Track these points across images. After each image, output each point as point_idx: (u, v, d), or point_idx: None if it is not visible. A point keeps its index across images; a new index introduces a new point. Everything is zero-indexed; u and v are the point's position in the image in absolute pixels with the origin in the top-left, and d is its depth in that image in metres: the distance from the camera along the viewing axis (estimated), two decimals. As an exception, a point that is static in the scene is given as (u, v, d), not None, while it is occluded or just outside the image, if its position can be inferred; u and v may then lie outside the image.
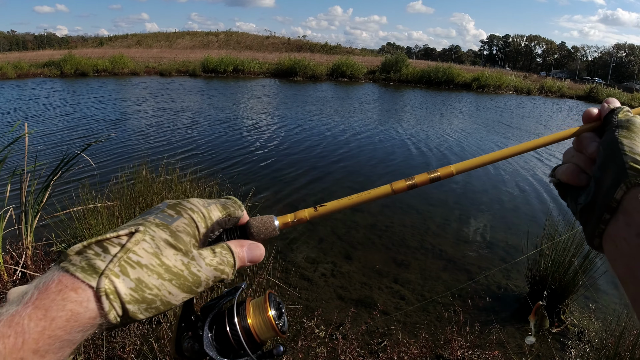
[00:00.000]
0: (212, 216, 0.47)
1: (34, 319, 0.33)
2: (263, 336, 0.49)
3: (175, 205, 0.46)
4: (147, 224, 0.42)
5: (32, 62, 28.89)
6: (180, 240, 0.42)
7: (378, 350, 3.02)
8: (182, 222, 0.44)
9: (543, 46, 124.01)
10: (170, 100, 16.46)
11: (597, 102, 27.73)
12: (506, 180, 7.77)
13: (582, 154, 0.54)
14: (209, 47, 67.04)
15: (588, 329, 3.51)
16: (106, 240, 0.39)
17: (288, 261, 4.21)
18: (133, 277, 0.38)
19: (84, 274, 0.36)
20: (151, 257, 0.40)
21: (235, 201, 0.52)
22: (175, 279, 0.41)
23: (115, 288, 0.37)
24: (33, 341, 0.33)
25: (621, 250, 0.43)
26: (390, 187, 0.54)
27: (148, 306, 0.39)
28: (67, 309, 0.34)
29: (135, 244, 0.39)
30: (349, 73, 30.74)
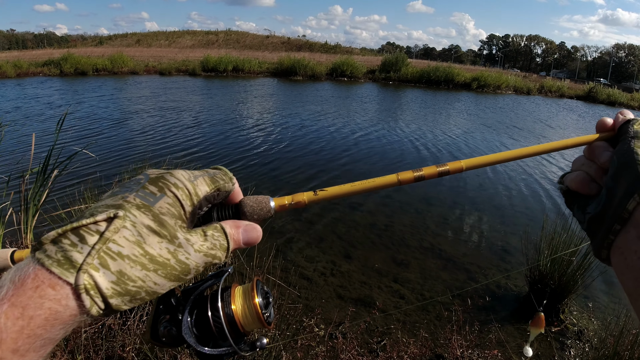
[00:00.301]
0: (198, 192, 0.43)
1: (11, 318, 0.31)
2: (247, 326, 0.45)
3: (157, 179, 0.41)
4: (126, 206, 0.38)
5: (32, 61, 28.87)
6: (165, 225, 0.38)
7: (378, 349, 3.02)
8: (165, 203, 0.40)
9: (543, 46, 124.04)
10: (171, 100, 16.45)
11: (596, 102, 27.82)
12: (506, 180, 7.77)
13: (594, 163, 0.53)
14: (208, 46, 66.98)
15: (587, 328, 3.51)
16: (82, 227, 0.35)
17: (288, 260, 4.21)
18: (114, 269, 0.35)
19: (60, 268, 0.33)
20: (133, 247, 0.36)
21: (226, 172, 0.48)
22: (161, 268, 0.37)
23: (95, 283, 0.34)
24: (11, 341, 0.31)
25: (630, 263, 0.41)
26: (397, 177, 0.51)
27: (132, 298, 0.36)
28: (46, 307, 0.32)
29: (115, 232, 0.36)
30: (348, 72, 30.72)
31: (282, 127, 11.67)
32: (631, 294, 0.42)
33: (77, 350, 2.42)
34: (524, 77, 37.92)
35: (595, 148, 0.53)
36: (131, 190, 0.40)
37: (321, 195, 0.50)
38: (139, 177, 0.42)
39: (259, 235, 0.46)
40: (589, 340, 3.37)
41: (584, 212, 0.51)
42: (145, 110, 13.72)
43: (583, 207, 0.51)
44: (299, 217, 5.36)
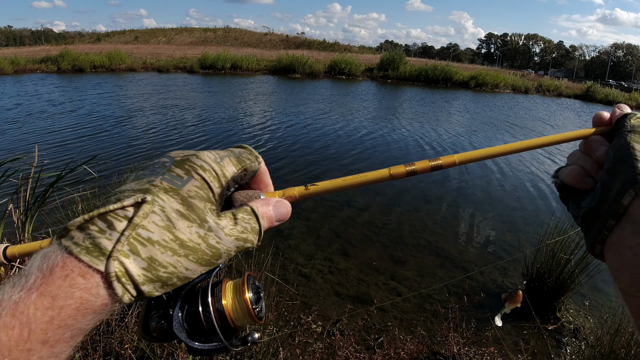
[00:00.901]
0: (225, 173, 0.42)
1: (40, 308, 0.30)
2: (238, 321, 0.44)
3: (183, 162, 0.40)
4: (154, 190, 0.37)
5: (29, 58, 28.78)
6: (194, 209, 0.37)
7: (375, 346, 3.03)
8: (193, 186, 0.39)
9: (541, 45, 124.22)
10: (172, 97, 16.40)
11: (594, 102, 27.84)
12: (504, 178, 7.78)
13: (589, 157, 0.53)
14: (206, 43, 66.84)
15: (584, 326, 3.53)
16: (110, 212, 0.34)
17: (286, 258, 4.21)
18: (144, 256, 0.34)
19: (89, 256, 0.32)
20: (163, 232, 0.35)
21: (251, 151, 0.47)
22: (192, 253, 0.37)
23: (126, 270, 0.33)
24: (41, 331, 0.30)
25: (625, 259, 0.41)
26: (389, 171, 0.50)
27: (164, 284, 0.36)
28: (76, 296, 0.31)
29: (144, 217, 0.35)
30: (347, 70, 30.71)
31: (283, 126, 11.66)
32: (626, 291, 0.41)
33: (74, 347, 2.42)
34: (522, 75, 37.96)
35: (591, 142, 0.53)
36: (157, 174, 0.39)
37: (312, 190, 0.49)
38: (162, 159, 0.41)
39: (289, 210, 0.46)
40: (585, 338, 3.39)
41: (578, 206, 0.50)
42: (147, 108, 13.69)
43: (578, 201, 0.51)
44: (296, 214, 5.36)
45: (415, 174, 0.51)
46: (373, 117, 13.97)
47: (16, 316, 0.29)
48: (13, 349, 0.29)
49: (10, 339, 0.29)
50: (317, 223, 5.16)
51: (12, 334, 0.29)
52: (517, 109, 20.18)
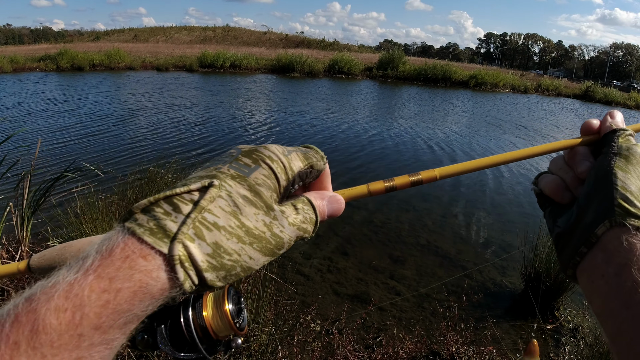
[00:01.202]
0: (293, 166, 0.40)
1: (96, 291, 0.28)
2: (219, 332, 0.45)
3: (250, 152, 0.39)
4: (221, 175, 0.36)
5: (28, 56, 28.72)
6: (261, 196, 0.37)
7: (373, 345, 3.04)
8: (260, 174, 0.38)
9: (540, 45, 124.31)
10: (174, 96, 16.32)
11: (593, 101, 27.87)
12: (502, 177, 7.79)
13: (572, 170, 0.51)
14: (206, 42, 66.80)
15: (582, 326, 3.53)
16: (176, 196, 0.33)
17: (284, 256, 4.21)
18: (210, 241, 0.33)
19: (153, 237, 0.31)
20: (229, 217, 0.34)
21: (317, 151, 0.46)
22: (257, 242, 0.36)
23: (190, 254, 0.32)
24: (95, 316, 0.28)
25: (597, 287, 0.41)
26: (367, 187, 0.49)
27: (227, 273, 0.34)
28: (135, 279, 0.30)
29: (211, 201, 0.34)
30: (346, 69, 30.70)
31: (288, 125, 11.65)
32: (600, 315, 0.41)
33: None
34: (521, 75, 37.98)
35: (576, 154, 0.51)
36: (224, 163, 0.38)
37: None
38: (231, 151, 0.41)
39: (342, 206, 0.45)
40: (584, 337, 3.39)
41: (554, 222, 0.49)
42: (149, 107, 13.62)
43: (554, 216, 0.50)
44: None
45: (395, 189, 0.50)
46: (374, 117, 13.97)
47: (69, 298, 0.28)
48: (63, 334, 0.28)
49: (61, 322, 0.28)
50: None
51: (64, 317, 0.28)
52: (517, 108, 20.18)
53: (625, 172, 0.45)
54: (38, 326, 0.27)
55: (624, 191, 0.43)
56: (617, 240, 0.41)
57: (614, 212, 0.41)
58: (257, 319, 2.64)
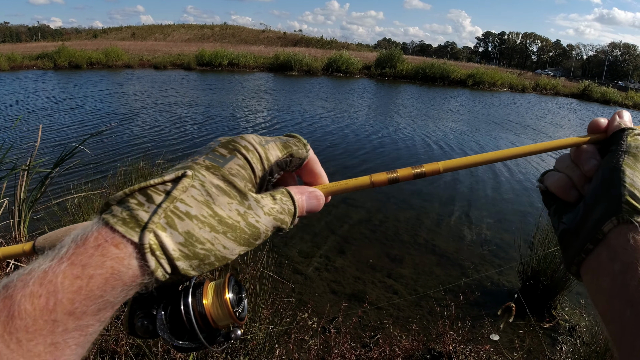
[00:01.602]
0: (269, 156, 0.41)
1: (69, 277, 0.29)
2: (219, 321, 0.44)
3: (227, 142, 0.40)
4: (196, 166, 0.37)
5: (26, 54, 28.60)
6: (235, 186, 0.37)
7: (370, 344, 3.04)
8: (235, 164, 0.38)
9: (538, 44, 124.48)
10: (174, 95, 16.20)
11: (590, 101, 27.92)
12: (500, 177, 7.80)
13: (578, 168, 0.50)
14: (204, 40, 66.75)
15: (579, 325, 3.54)
16: (150, 187, 0.34)
17: (282, 255, 4.21)
18: (182, 230, 0.33)
19: (125, 227, 0.32)
20: (202, 207, 0.35)
21: (300, 139, 0.46)
22: (231, 231, 0.36)
23: (161, 243, 0.32)
24: (68, 301, 0.29)
25: (602, 285, 0.41)
26: (370, 178, 0.49)
27: (201, 262, 0.35)
28: (107, 266, 0.31)
29: (183, 191, 0.34)
30: (344, 68, 30.68)
31: (287, 123, 11.64)
32: (604, 315, 0.41)
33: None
34: (519, 74, 38.03)
35: (583, 152, 0.51)
36: (201, 154, 0.39)
37: None
38: (210, 143, 0.41)
39: (321, 202, 0.45)
40: (581, 336, 3.40)
41: (559, 219, 0.49)
42: (149, 106, 13.51)
43: (559, 213, 0.50)
44: (293, 212, 5.35)
45: (397, 181, 0.50)
46: (372, 114, 13.97)
47: (44, 284, 0.29)
48: (38, 319, 0.29)
49: (36, 308, 0.28)
50: (313, 220, 5.16)
51: (38, 303, 0.29)
52: (516, 107, 20.21)
53: (633, 169, 0.44)
54: (14, 312, 0.28)
55: (632, 188, 0.42)
56: (623, 238, 0.40)
57: (622, 209, 0.41)
58: (254, 317, 2.64)
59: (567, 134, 13.83)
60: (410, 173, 0.50)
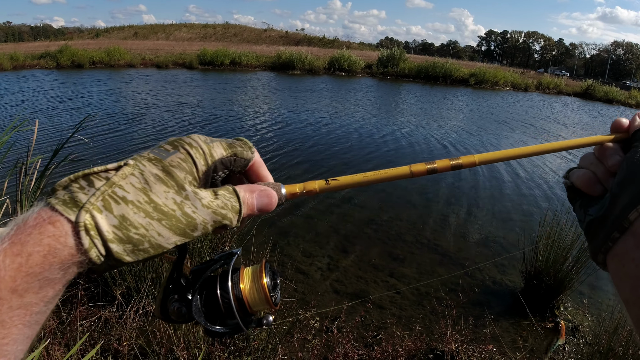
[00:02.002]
0: (213, 153, 0.42)
1: (10, 255, 0.31)
2: (254, 306, 0.46)
3: (174, 140, 0.42)
4: (139, 157, 0.39)
5: (28, 54, 28.64)
6: (173, 176, 0.38)
7: (373, 343, 3.04)
8: (177, 157, 0.40)
9: (541, 42, 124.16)
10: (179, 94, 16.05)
11: (593, 100, 27.82)
12: (503, 176, 7.78)
13: (602, 164, 0.52)
14: (206, 39, 66.78)
15: (582, 324, 3.53)
16: (94, 174, 0.36)
17: (285, 254, 4.21)
18: (117, 213, 0.35)
19: (64, 207, 0.33)
20: (138, 193, 0.36)
21: (245, 142, 0.47)
22: (166, 219, 0.37)
23: (96, 224, 0.34)
24: (10, 279, 0.30)
25: (628, 271, 0.42)
26: (409, 168, 0.51)
27: (135, 247, 0.36)
28: (44, 243, 0.32)
29: (122, 177, 0.36)
30: (346, 67, 30.64)
31: (292, 122, 11.60)
32: (627, 301, 0.42)
33: (72, 342, 2.42)
34: (521, 73, 37.92)
35: (606, 149, 0.53)
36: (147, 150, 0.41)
37: (333, 185, 0.50)
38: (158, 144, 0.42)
39: (273, 202, 0.46)
40: (584, 336, 3.40)
41: (585, 212, 0.51)
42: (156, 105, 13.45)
43: (585, 207, 0.51)
44: (296, 211, 5.36)
45: (436, 172, 0.52)
46: (377, 113, 13.94)
47: None
48: None
49: None
50: (316, 219, 5.16)
51: None
52: (519, 105, 20.16)
53: None
54: None
55: None
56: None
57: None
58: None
59: (573, 132, 13.81)
60: (448, 164, 0.52)
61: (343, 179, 0.50)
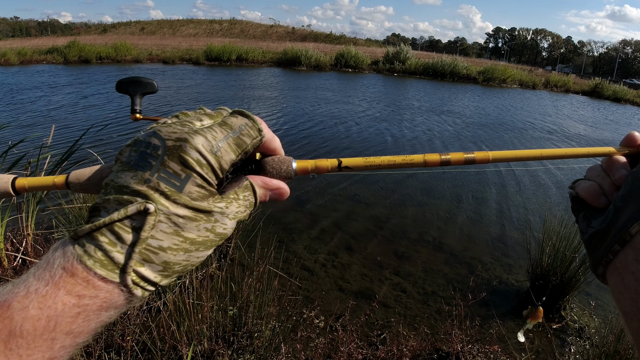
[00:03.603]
0: (223, 164, 0.40)
1: (68, 305, 0.33)
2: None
3: (175, 151, 0.37)
4: (154, 195, 0.36)
5: (36, 49, 28.75)
6: (199, 210, 0.38)
7: (377, 343, 3.02)
8: (194, 187, 0.38)
9: (549, 40, 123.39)
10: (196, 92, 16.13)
11: (601, 98, 27.62)
12: (509, 176, 7.74)
13: (608, 177, 0.53)
14: (212, 35, 66.85)
15: (588, 326, 3.50)
16: (115, 223, 0.35)
17: (289, 251, 4.20)
18: (158, 261, 0.36)
19: (105, 270, 0.34)
20: (172, 237, 0.37)
21: (253, 123, 0.43)
22: (202, 245, 0.39)
23: (142, 276, 0.36)
24: (66, 324, 0.33)
25: (627, 284, 0.42)
26: (423, 157, 0.51)
27: (179, 274, 0.39)
28: (100, 297, 0.34)
29: (151, 228, 0.36)
30: (352, 63, 30.57)
31: (302, 117, 11.60)
32: (627, 314, 0.42)
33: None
34: (529, 71, 37.71)
35: (614, 162, 0.53)
36: (150, 167, 0.37)
37: (345, 165, 0.50)
38: (153, 142, 0.38)
39: (284, 197, 0.47)
40: (590, 337, 3.37)
41: (588, 224, 0.51)
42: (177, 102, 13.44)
43: (588, 218, 0.52)
44: (301, 208, 5.35)
45: (449, 164, 0.53)
46: (386, 108, 13.89)
47: (43, 309, 0.32)
48: (38, 338, 0.32)
49: (36, 329, 0.32)
50: (320, 217, 5.15)
51: (38, 325, 0.32)
52: (527, 103, 20.02)
53: None
54: (15, 331, 0.31)
55: None
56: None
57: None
58: (260, 314, 2.63)
59: (583, 129, 13.70)
60: (462, 157, 0.53)
61: (356, 160, 0.50)
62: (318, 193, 5.92)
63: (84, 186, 0.48)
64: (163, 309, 2.86)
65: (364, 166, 0.50)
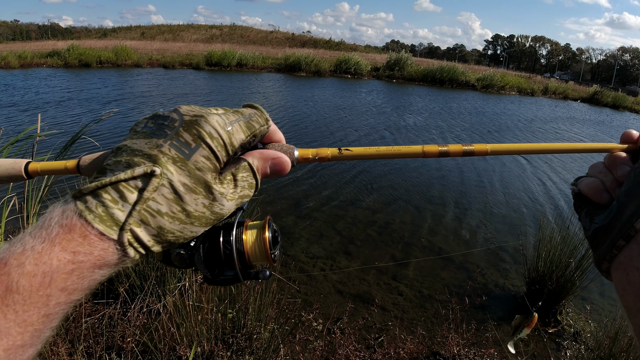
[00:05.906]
0: (234, 141, 0.43)
1: (63, 261, 0.34)
2: (254, 259, 0.48)
3: (191, 125, 0.41)
4: (162, 160, 0.39)
5: (36, 52, 28.74)
6: (201, 182, 0.40)
7: (375, 346, 3.05)
8: (201, 156, 0.40)
9: (548, 47, 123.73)
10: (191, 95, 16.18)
11: (600, 105, 27.66)
12: (506, 181, 7.77)
13: (611, 173, 0.53)
14: (212, 40, 66.87)
15: (584, 330, 3.53)
16: (121, 182, 0.37)
17: (288, 255, 4.23)
18: (154, 225, 0.38)
19: (103, 225, 0.36)
20: (171, 204, 0.38)
21: (261, 113, 0.48)
22: (197, 221, 0.40)
23: (137, 237, 0.37)
24: (61, 280, 0.34)
25: (631, 279, 0.42)
26: (422, 148, 0.52)
27: (171, 243, 0.40)
28: (95, 254, 0.35)
29: (154, 190, 0.38)
30: (352, 70, 30.64)
31: (305, 122, 11.63)
32: (630, 309, 0.42)
33: (77, 339, 2.45)
34: (527, 78, 37.80)
35: (616, 158, 0.53)
36: (165, 136, 0.40)
37: (346, 154, 0.51)
38: (172, 115, 0.42)
39: (285, 168, 0.47)
40: (585, 341, 3.39)
41: (591, 220, 0.51)
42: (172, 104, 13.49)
43: (591, 215, 0.52)
44: (299, 211, 5.38)
45: (448, 155, 0.53)
46: (385, 113, 13.92)
47: (39, 265, 0.33)
48: (33, 294, 0.33)
49: (32, 285, 0.33)
50: (319, 221, 5.17)
51: (34, 281, 0.33)
52: (525, 109, 20.07)
53: None
54: (11, 287, 0.32)
55: None
56: None
57: None
58: (259, 317, 2.65)
59: (580, 131, 13.74)
60: (461, 149, 0.53)
61: (357, 149, 0.51)
62: (317, 197, 5.95)
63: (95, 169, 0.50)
64: (163, 311, 2.89)
65: (364, 155, 0.51)
